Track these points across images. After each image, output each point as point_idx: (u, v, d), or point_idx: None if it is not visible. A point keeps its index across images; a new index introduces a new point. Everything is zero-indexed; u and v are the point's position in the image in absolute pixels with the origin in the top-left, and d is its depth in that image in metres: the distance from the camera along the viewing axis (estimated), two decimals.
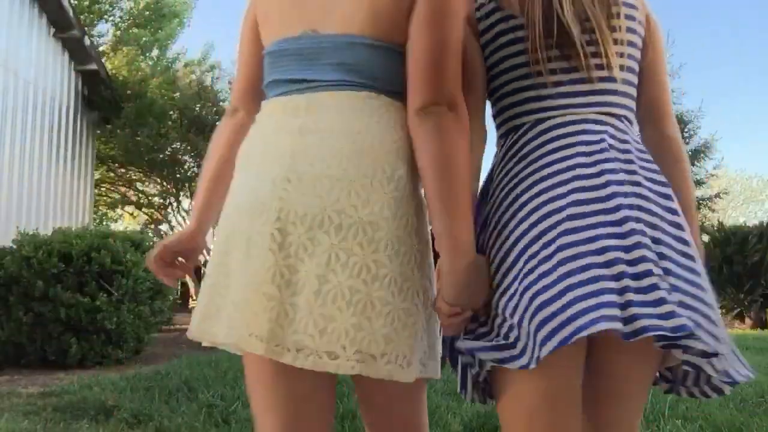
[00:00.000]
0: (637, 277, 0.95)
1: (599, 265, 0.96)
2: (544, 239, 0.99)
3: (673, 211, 1.05)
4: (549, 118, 1.10)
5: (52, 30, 7.82)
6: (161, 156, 9.71)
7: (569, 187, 1.02)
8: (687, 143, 19.13)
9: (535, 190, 1.04)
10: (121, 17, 14.89)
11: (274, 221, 0.97)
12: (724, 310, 11.21)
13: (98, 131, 9.37)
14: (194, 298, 10.75)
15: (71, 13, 7.83)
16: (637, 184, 1.03)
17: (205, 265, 9.19)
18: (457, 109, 1.00)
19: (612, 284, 0.94)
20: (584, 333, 0.91)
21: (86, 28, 10.03)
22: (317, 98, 1.03)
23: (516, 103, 1.14)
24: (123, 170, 10.93)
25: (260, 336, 0.95)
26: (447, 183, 0.97)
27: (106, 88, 8.69)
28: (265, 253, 0.96)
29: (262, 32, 1.17)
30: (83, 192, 8.62)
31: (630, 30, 1.14)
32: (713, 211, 20.21)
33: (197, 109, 9.59)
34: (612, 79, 1.11)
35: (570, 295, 0.94)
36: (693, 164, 19.11)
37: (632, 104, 1.17)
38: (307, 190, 0.97)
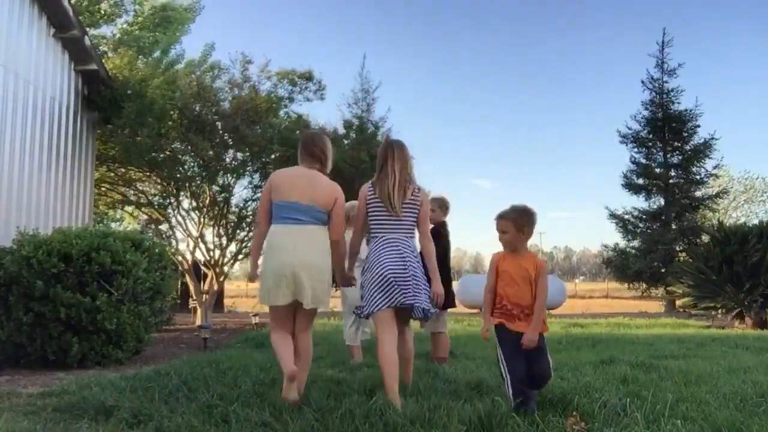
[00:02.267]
0: (406, 286, 3.45)
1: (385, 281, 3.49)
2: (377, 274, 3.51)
3: (420, 262, 3.61)
4: (385, 234, 3.58)
5: (52, 30, 7.82)
6: (161, 156, 9.71)
7: (391, 257, 3.50)
8: (686, 143, 19.15)
9: (380, 257, 3.52)
10: (127, 21, 14.91)
11: (295, 267, 3.40)
12: (724, 310, 11.20)
13: (98, 131, 9.37)
14: (194, 298, 10.76)
15: (71, 13, 7.83)
16: (408, 257, 3.53)
17: (204, 265, 9.18)
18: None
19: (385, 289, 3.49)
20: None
21: (87, 29, 9.99)
22: (303, 227, 3.52)
23: (375, 228, 3.62)
24: (123, 170, 10.92)
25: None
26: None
27: (106, 87, 8.68)
28: (293, 278, 3.42)
29: (274, 195, 3.56)
30: (83, 192, 8.61)
31: (414, 205, 3.62)
32: (713, 211, 20.22)
33: (197, 109, 9.59)
34: (407, 224, 3.61)
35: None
36: (692, 164, 19.12)
37: (414, 230, 3.66)
38: (306, 258, 3.44)
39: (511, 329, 3.26)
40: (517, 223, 3.34)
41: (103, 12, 14.52)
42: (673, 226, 18.80)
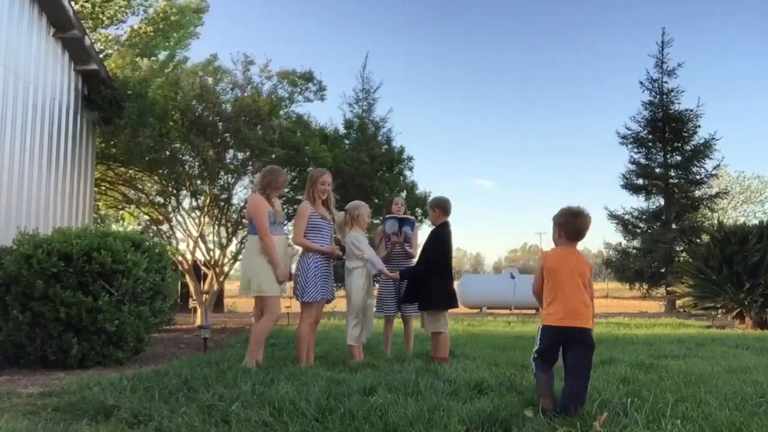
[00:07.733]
0: None
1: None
2: None
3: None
4: None
5: (52, 30, 7.83)
6: (162, 156, 9.71)
7: None
8: (686, 143, 19.14)
9: None
10: (132, 26, 14.88)
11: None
12: (724, 310, 11.20)
13: (99, 130, 9.36)
14: (194, 297, 10.76)
15: (71, 13, 7.83)
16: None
17: (204, 265, 9.17)
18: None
19: None
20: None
21: (88, 30, 9.95)
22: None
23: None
24: (123, 169, 10.93)
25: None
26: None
27: (106, 88, 8.68)
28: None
29: None
30: (83, 192, 8.62)
31: None
32: (713, 211, 20.23)
33: (199, 111, 9.58)
34: None
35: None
36: (692, 164, 19.13)
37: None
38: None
39: None
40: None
41: (110, 16, 14.51)
42: (673, 226, 18.80)
